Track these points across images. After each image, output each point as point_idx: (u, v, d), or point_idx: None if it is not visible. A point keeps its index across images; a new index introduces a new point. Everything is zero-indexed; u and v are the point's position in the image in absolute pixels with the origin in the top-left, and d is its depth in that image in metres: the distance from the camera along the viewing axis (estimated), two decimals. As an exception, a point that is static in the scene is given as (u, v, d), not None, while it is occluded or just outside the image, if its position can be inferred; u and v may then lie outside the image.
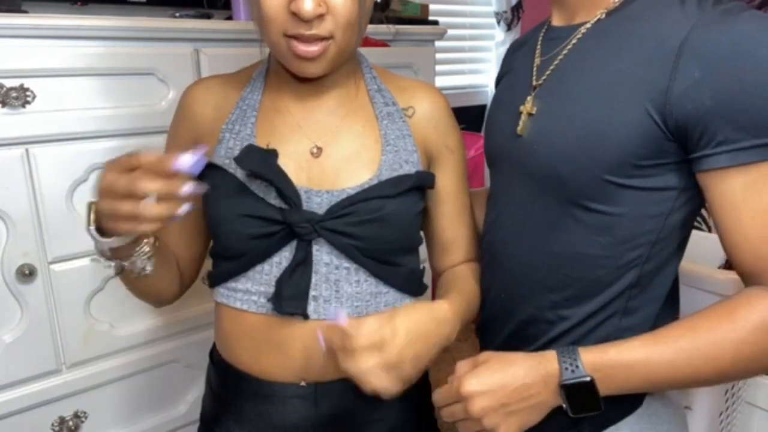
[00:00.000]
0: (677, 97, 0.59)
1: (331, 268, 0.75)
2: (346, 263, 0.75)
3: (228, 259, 0.78)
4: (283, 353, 0.76)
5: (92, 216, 0.63)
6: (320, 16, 0.67)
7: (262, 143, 0.76)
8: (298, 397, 0.77)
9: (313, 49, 0.69)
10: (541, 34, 0.78)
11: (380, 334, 0.63)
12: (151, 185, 0.56)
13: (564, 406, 0.64)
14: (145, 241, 0.67)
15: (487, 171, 2.68)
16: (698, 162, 0.60)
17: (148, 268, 0.69)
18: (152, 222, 0.57)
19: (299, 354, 0.76)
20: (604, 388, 0.62)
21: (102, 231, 0.63)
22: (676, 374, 0.60)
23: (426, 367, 0.68)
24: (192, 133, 0.81)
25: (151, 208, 0.56)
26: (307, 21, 0.67)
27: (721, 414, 1.51)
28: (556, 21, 0.76)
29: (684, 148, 0.61)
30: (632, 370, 0.61)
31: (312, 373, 0.77)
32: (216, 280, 0.81)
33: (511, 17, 2.61)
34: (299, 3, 0.65)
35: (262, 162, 0.72)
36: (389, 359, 0.63)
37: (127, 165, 0.57)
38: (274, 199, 0.74)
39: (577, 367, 0.62)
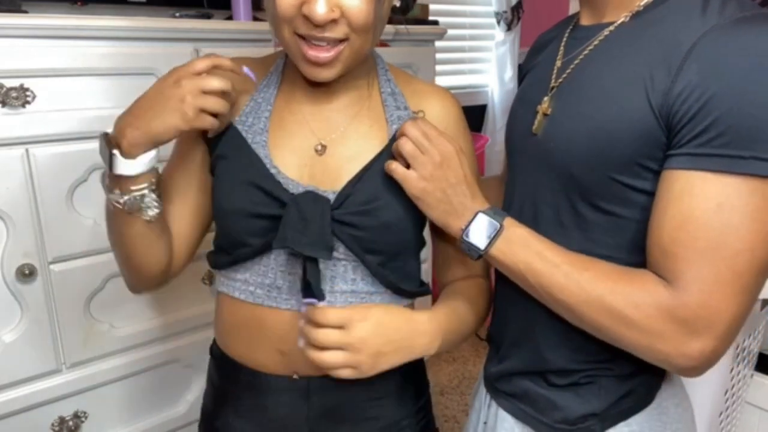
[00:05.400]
0: (673, 98, 0.59)
1: (328, 264, 0.75)
2: (344, 259, 0.75)
3: (234, 246, 0.77)
4: (276, 346, 0.77)
5: (105, 142, 0.70)
6: (333, 21, 0.67)
7: (272, 138, 0.77)
8: (291, 391, 0.78)
9: (324, 55, 0.69)
10: (567, 33, 0.78)
11: (349, 315, 0.68)
12: (224, 81, 0.68)
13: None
14: (154, 179, 0.72)
15: (486, 170, 2.68)
16: (665, 161, 0.61)
17: (156, 208, 0.72)
18: (218, 114, 0.68)
19: (292, 347, 0.76)
20: (500, 244, 0.70)
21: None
22: (551, 279, 0.66)
23: (384, 368, 0.70)
24: None
25: (218, 101, 0.67)
26: (318, 26, 0.66)
27: (720, 414, 1.51)
28: (584, 20, 0.76)
29: None
30: (528, 246, 0.68)
31: (304, 367, 0.77)
32: (220, 263, 0.80)
33: (511, 17, 2.61)
34: (311, 7, 0.65)
35: (315, 207, 0.72)
36: (349, 340, 0.67)
37: (199, 67, 0.67)
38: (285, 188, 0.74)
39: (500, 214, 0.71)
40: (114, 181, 0.70)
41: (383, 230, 0.75)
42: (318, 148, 0.77)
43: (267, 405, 0.79)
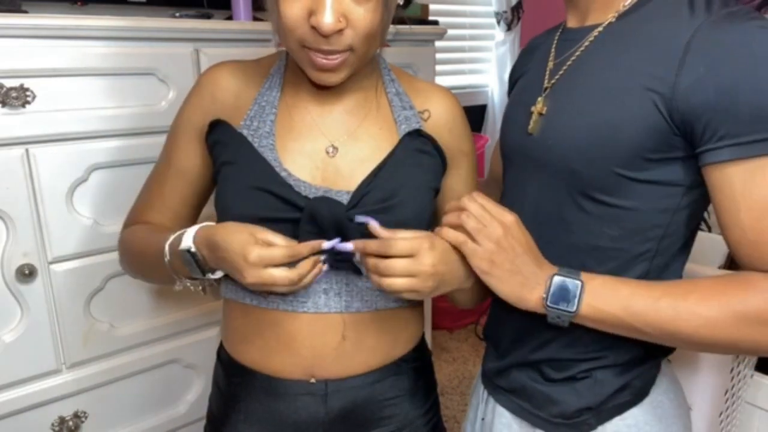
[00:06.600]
0: (683, 92, 0.60)
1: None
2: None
3: None
4: (293, 350, 0.77)
5: (192, 257, 0.73)
6: (339, 31, 0.67)
7: (279, 141, 0.77)
8: (308, 394, 0.78)
9: (332, 61, 0.69)
10: (557, 36, 0.80)
11: (419, 243, 0.66)
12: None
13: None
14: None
15: (486, 169, 2.68)
16: (702, 156, 0.62)
17: (208, 286, 0.81)
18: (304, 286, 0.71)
19: (308, 351, 0.76)
20: (589, 299, 0.66)
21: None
22: (656, 315, 0.63)
23: (439, 293, 0.71)
24: (210, 117, 0.80)
25: (273, 277, 0.68)
26: (326, 36, 0.67)
27: (721, 414, 1.51)
28: (571, 22, 0.78)
29: (690, 143, 0.63)
30: (617, 292, 0.65)
31: (322, 370, 0.77)
32: None
33: (511, 17, 2.62)
34: (319, 18, 0.65)
35: (330, 211, 0.72)
36: (420, 268, 0.66)
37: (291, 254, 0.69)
38: (301, 194, 0.73)
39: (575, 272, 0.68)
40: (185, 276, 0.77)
41: (399, 228, 0.75)
42: (329, 150, 0.77)
43: (283, 410, 0.78)
